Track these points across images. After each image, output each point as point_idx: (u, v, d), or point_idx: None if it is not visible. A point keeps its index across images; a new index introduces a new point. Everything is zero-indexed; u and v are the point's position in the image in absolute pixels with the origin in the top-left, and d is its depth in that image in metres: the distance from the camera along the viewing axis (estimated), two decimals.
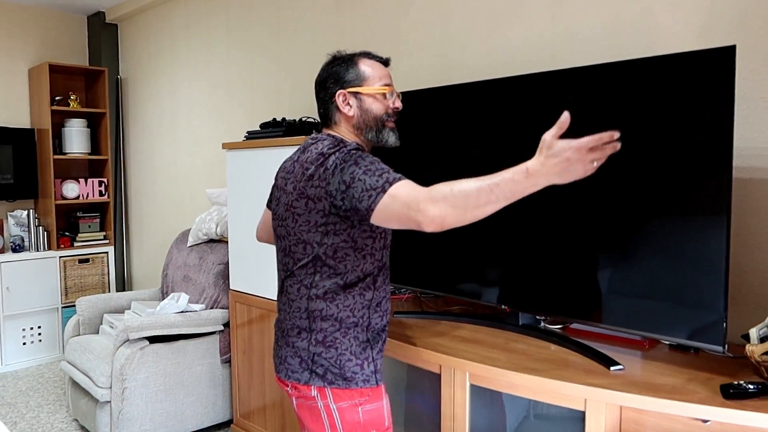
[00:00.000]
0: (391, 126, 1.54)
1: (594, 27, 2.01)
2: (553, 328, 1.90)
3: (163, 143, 4.29)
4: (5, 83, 4.40)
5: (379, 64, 1.55)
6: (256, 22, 3.41)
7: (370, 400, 1.47)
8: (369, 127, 1.51)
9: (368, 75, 1.51)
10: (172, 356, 2.82)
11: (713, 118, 1.46)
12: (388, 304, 1.56)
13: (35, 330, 4.22)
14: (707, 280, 1.48)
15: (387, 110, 1.52)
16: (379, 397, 1.49)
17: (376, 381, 1.48)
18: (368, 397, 1.46)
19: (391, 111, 1.53)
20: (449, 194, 1.20)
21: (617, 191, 1.63)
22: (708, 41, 1.76)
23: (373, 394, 1.47)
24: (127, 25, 4.63)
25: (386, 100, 1.53)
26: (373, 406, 1.47)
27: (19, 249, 4.18)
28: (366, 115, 1.51)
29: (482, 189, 1.17)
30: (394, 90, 1.54)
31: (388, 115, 1.53)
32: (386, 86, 1.52)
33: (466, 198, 1.18)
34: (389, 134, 1.53)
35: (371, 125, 1.51)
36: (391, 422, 1.54)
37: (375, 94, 1.51)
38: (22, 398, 3.59)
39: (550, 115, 1.77)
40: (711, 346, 1.48)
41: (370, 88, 1.51)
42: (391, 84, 1.55)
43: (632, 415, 1.42)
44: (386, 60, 1.58)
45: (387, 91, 1.52)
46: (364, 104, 1.51)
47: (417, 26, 2.56)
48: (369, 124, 1.51)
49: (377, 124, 1.51)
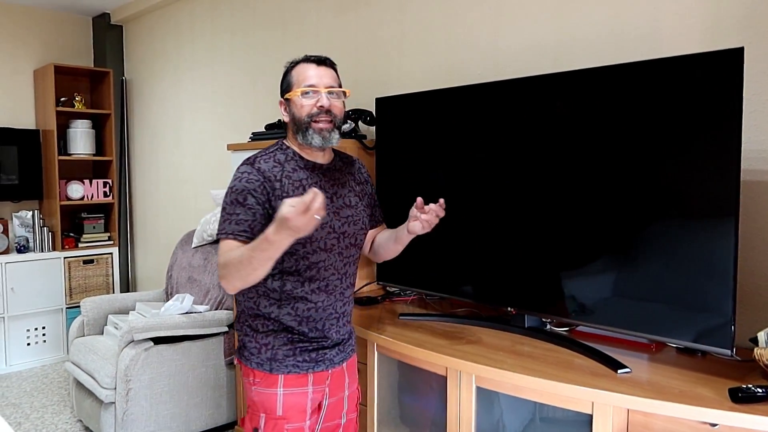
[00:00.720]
0: (318, 127, 1.53)
1: (598, 29, 2.00)
2: (560, 331, 1.89)
3: (167, 144, 4.30)
4: (11, 84, 4.42)
5: (310, 66, 1.57)
6: (260, 24, 3.41)
7: (262, 384, 1.56)
8: (297, 129, 1.56)
9: (294, 80, 1.57)
10: (177, 357, 2.82)
11: (721, 121, 1.45)
12: (313, 313, 1.56)
13: (40, 330, 4.22)
14: (715, 282, 1.47)
15: (310, 111, 1.53)
16: (273, 385, 1.55)
17: (270, 369, 1.55)
18: (261, 380, 1.57)
19: (315, 111, 1.53)
20: (225, 270, 1.42)
21: (625, 194, 1.63)
22: (714, 43, 1.75)
23: (266, 379, 1.56)
24: (132, 27, 4.64)
25: (309, 101, 1.53)
26: (265, 390, 1.56)
27: (24, 250, 4.19)
28: (294, 118, 1.57)
29: (243, 262, 1.37)
30: (319, 90, 1.54)
31: (310, 116, 1.53)
32: (309, 86, 1.54)
33: (237, 270, 1.39)
34: (313, 135, 1.53)
35: (298, 128, 1.56)
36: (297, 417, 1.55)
37: (296, 96, 1.55)
38: (26, 399, 3.60)
39: (554, 117, 1.77)
40: (719, 350, 1.47)
41: (295, 92, 1.56)
42: (317, 84, 1.54)
43: (640, 419, 1.41)
44: (318, 59, 1.58)
45: (305, 91, 1.53)
46: (292, 109, 1.57)
47: (421, 28, 2.56)
48: (297, 126, 1.56)
49: (302, 126, 1.54)
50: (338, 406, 1.68)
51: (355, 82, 2.86)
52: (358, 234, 1.64)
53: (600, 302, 1.69)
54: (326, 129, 1.54)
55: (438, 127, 2.09)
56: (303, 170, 1.57)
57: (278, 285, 1.55)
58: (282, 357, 1.55)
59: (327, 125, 1.54)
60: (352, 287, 1.68)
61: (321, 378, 1.60)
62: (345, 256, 1.61)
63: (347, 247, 1.61)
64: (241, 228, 1.48)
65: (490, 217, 1.94)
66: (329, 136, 1.55)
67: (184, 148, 4.13)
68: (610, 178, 1.66)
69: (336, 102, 1.56)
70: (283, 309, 1.55)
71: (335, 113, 1.55)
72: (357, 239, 1.64)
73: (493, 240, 1.94)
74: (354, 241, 1.63)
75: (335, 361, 1.63)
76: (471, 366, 1.64)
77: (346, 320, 1.66)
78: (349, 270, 1.64)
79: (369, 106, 2.64)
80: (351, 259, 1.64)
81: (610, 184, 1.66)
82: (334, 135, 1.56)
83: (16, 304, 4.09)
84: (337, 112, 1.56)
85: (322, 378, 1.61)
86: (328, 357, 1.61)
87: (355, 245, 1.64)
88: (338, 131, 1.57)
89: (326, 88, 1.55)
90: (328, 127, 1.54)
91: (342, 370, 1.67)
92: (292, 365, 1.56)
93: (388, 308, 2.26)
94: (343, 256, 1.60)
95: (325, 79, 1.56)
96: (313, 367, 1.58)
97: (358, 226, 1.64)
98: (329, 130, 1.54)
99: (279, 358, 1.55)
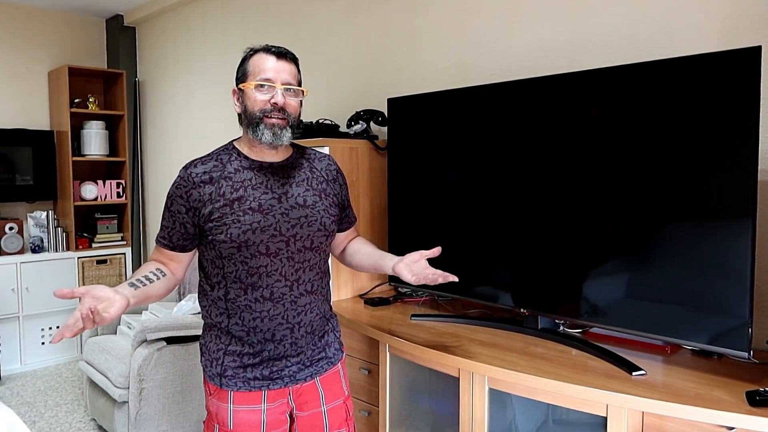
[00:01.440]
0: (270, 123, 1.43)
1: (612, 29, 1.99)
2: (573, 332, 1.88)
3: (179, 145, 4.32)
4: (26, 86, 4.46)
5: (269, 58, 1.46)
6: (271, 25, 3.42)
7: (215, 396, 1.51)
8: (248, 122, 1.46)
9: (250, 70, 1.47)
10: (189, 357, 2.84)
11: (738, 121, 1.43)
12: (259, 323, 1.47)
13: (54, 330, 4.26)
14: (732, 284, 1.45)
15: (263, 106, 1.43)
16: (224, 400, 1.49)
17: (221, 384, 1.49)
18: (214, 392, 1.52)
19: (268, 107, 1.43)
20: None
21: (639, 194, 1.61)
22: (730, 42, 1.73)
23: (218, 393, 1.51)
24: (144, 28, 4.68)
25: (263, 96, 1.44)
26: (218, 403, 1.50)
27: (39, 250, 4.23)
28: (246, 111, 1.47)
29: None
30: (275, 84, 1.44)
31: (263, 111, 1.43)
32: (264, 80, 1.43)
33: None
34: (264, 131, 1.43)
35: (248, 121, 1.46)
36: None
37: (250, 88, 1.45)
38: (40, 397, 3.63)
39: (568, 118, 1.76)
40: (735, 352, 1.46)
41: (249, 83, 1.45)
42: (273, 78, 1.44)
43: (655, 422, 1.40)
44: (279, 52, 1.47)
45: (260, 84, 1.43)
46: (245, 100, 1.47)
47: (433, 28, 2.55)
48: (247, 119, 1.46)
49: (253, 121, 1.45)
50: (314, 420, 1.56)
51: (366, 82, 2.86)
52: (315, 236, 1.50)
53: (614, 303, 1.68)
54: (278, 125, 1.44)
55: (450, 127, 2.09)
56: (248, 170, 1.47)
57: (222, 293, 1.48)
58: (231, 374, 1.48)
59: (279, 121, 1.44)
60: (312, 295, 1.52)
61: (279, 394, 1.51)
62: (296, 261, 1.47)
63: (299, 251, 1.48)
64: (162, 234, 1.50)
65: (502, 218, 1.94)
66: (280, 133, 1.44)
67: (196, 149, 4.15)
68: (625, 179, 1.64)
69: (291, 100, 1.46)
70: (232, 319, 1.48)
71: (290, 112, 1.45)
72: (313, 242, 1.50)
73: (506, 241, 1.93)
74: (309, 244, 1.49)
75: (298, 378, 1.51)
76: (484, 367, 1.63)
77: (305, 331, 1.51)
78: (302, 276, 1.49)
79: (381, 106, 2.64)
80: (305, 265, 1.49)
81: (624, 185, 1.64)
82: (285, 133, 1.45)
83: (31, 303, 4.13)
84: (292, 111, 1.46)
85: (281, 394, 1.51)
86: (287, 373, 1.50)
87: (311, 248, 1.50)
88: (291, 130, 1.47)
89: (283, 84, 1.44)
90: (281, 123, 1.44)
91: (313, 385, 1.55)
92: (242, 382, 1.48)
93: (400, 309, 2.25)
94: (294, 261, 1.47)
95: (283, 75, 1.45)
96: (268, 384, 1.49)
97: (314, 227, 1.49)
98: (281, 127, 1.44)
99: (228, 375, 1.48)
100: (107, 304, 1.25)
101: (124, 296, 1.29)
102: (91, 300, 1.23)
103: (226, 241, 1.42)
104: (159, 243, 1.52)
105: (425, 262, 1.56)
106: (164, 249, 1.51)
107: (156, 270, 1.47)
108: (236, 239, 1.41)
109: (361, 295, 2.43)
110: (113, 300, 1.26)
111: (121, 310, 1.26)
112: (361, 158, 2.45)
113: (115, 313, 1.24)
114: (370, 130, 2.55)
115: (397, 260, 1.56)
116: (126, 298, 1.29)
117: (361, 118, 2.52)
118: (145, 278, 1.42)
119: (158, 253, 1.53)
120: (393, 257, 1.59)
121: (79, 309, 1.20)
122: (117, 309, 1.25)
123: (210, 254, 1.48)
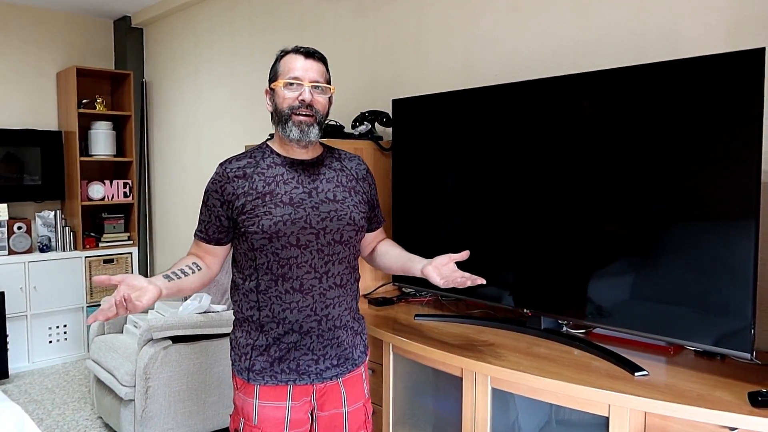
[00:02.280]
0: (298, 120, 1.49)
1: (618, 29, 1.99)
2: (576, 333, 1.88)
3: (186, 145, 4.34)
4: (34, 87, 4.50)
5: (298, 58, 1.52)
6: (278, 25, 3.44)
7: (242, 390, 1.55)
8: (277, 120, 1.53)
9: (280, 71, 1.53)
10: (195, 356, 2.85)
11: (742, 122, 1.44)
12: (288, 314, 1.50)
13: (61, 328, 4.30)
14: (734, 285, 1.45)
15: (292, 103, 1.49)
16: (250, 394, 1.52)
17: (248, 378, 1.52)
18: (240, 386, 1.55)
19: (296, 104, 1.49)
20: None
21: (643, 195, 1.62)
22: (735, 44, 1.73)
23: (244, 387, 1.54)
24: (152, 29, 4.70)
25: (292, 94, 1.49)
26: (244, 398, 1.54)
27: (47, 249, 4.27)
28: (276, 109, 1.54)
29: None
30: (303, 83, 1.49)
31: (291, 108, 1.49)
32: (293, 78, 1.49)
33: None
34: (292, 128, 1.49)
35: (279, 119, 1.53)
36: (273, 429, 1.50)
37: (280, 87, 1.52)
38: (48, 395, 3.66)
39: (573, 119, 1.76)
40: (738, 353, 1.46)
41: (279, 82, 1.52)
42: (301, 76, 1.50)
43: (657, 422, 1.40)
44: (307, 52, 1.52)
45: (289, 82, 1.49)
46: (275, 99, 1.54)
47: (438, 29, 2.56)
48: (278, 117, 1.53)
49: (282, 118, 1.51)
50: (334, 421, 1.58)
51: (372, 83, 2.87)
52: (344, 230, 1.53)
53: (618, 304, 1.68)
54: (305, 122, 1.49)
55: (455, 128, 2.09)
56: (280, 166, 1.53)
57: (254, 285, 1.52)
58: (259, 369, 1.51)
59: (306, 119, 1.49)
60: (341, 288, 1.54)
61: (304, 391, 1.53)
62: (326, 253, 1.50)
63: (329, 244, 1.51)
64: (199, 228, 1.57)
65: (506, 219, 1.94)
66: (308, 130, 1.49)
67: (203, 149, 4.17)
68: (628, 180, 1.64)
69: (319, 97, 1.52)
70: (263, 311, 1.51)
71: (317, 108, 1.51)
72: (343, 236, 1.53)
73: (510, 242, 1.94)
74: (339, 237, 1.52)
75: (324, 376, 1.53)
76: (487, 367, 1.64)
77: (333, 324, 1.53)
78: (332, 269, 1.52)
79: (386, 107, 2.65)
80: (334, 258, 1.52)
81: (627, 186, 1.64)
82: (312, 130, 1.50)
83: (39, 302, 4.16)
84: (320, 108, 1.52)
85: (306, 391, 1.53)
86: (315, 371, 1.52)
87: (341, 242, 1.53)
88: (319, 127, 1.52)
89: (311, 82, 1.50)
90: (308, 120, 1.49)
91: (337, 386, 1.57)
92: (269, 376, 1.50)
93: (404, 309, 2.26)
94: (324, 253, 1.50)
95: (311, 73, 1.50)
96: (294, 380, 1.51)
97: (343, 221, 1.52)
98: (308, 124, 1.49)
99: (257, 369, 1.51)
100: (140, 293, 1.33)
101: (157, 287, 1.37)
102: (126, 288, 1.31)
103: (257, 232, 1.47)
104: (197, 236, 1.58)
105: (454, 265, 1.58)
106: (201, 242, 1.58)
107: (192, 264, 1.54)
108: (267, 230, 1.46)
109: (365, 295, 2.44)
110: (146, 290, 1.34)
111: (153, 300, 1.34)
112: (365, 159, 2.44)
113: (147, 303, 1.32)
114: (374, 130, 2.56)
115: (426, 263, 1.59)
116: (159, 288, 1.37)
117: (365, 119, 2.53)
118: (180, 271, 1.50)
119: (196, 247, 1.59)
120: (422, 260, 1.62)
121: (114, 296, 1.27)
122: (149, 299, 1.33)
123: (243, 247, 1.53)
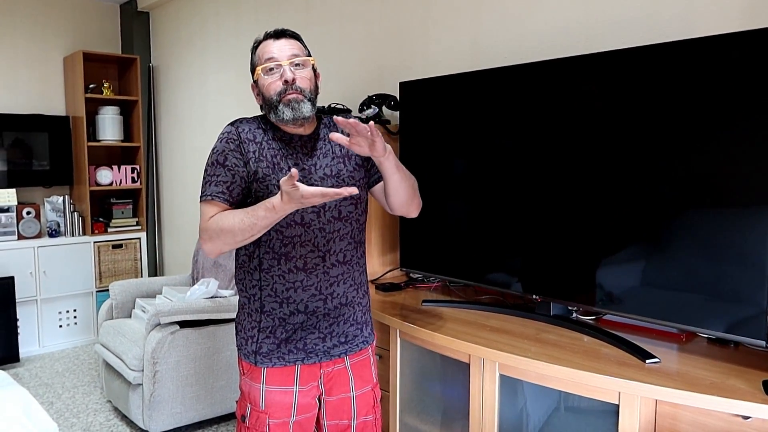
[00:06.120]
0: (287, 99, 1.45)
1: (630, 8, 1.94)
2: (586, 319, 1.86)
3: (193, 130, 4.33)
4: (41, 72, 4.49)
5: (269, 42, 1.50)
6: (284, 9, 3.40)
7: (249, 375, 1.54)
8: (268, 107, 1.50)
9: (256, 61, 1.53)
10: (202, 341, 2.86)
11: (759, 104, 1.39)
12: (293, 293, 1.49)
13: (71, 313, 4.33)
14: (749, 271, 1.42)
15: (277, 88, 1.46)
16: (257, 379, 1.52)
17: (255, 361, 1.52)
18: (247, 371, 1.55)
19: (282, 87, 1.46)
20: (216, 234, 1.41)
21: (656, 180, 1.58)
22: (753, 21, 1.68)
23: (252, 371, 1.53)
24: (158, 14, 4.67)
25: (273, 78, 1.47)
26: (250, 383, 1.54)
27: (56, 234, 4.28)
28: (264, 100, 1.51)
29: (243, 229, 1.37)
30: (281, 62, 1.46)
31: (278, 93, 1.46)
32: (270, 59, 1.47)
33: (232, 236, 1.39)
34: (284, 110, 1.46)
35: (269, 108, 1.50)
36: (280, 413, 1.50)
37: (261, 76, 1.50)
38: (58, 379, 3.69)
39: (584, 101, 1.72)
40: (752, 340, 1.43)
41: (258, 69, 1.50)
42: (278, 56, 1.47)
43: (668, 410, 1.38)
44: (276, 32, 1.50)
45: (268, 67, 1.47)
46: (260, 88, 1.52)
47: (446, 10, 2.51)
48: (267, 105, 1.50)
49: (271, 104, 1.48)
50: (342, 405, 1.59)
51: (379, 65, 2.83)
52: (342, 206, 1.51)
53: (629, 291, 1.65)
54: (295, 99, 1.45)
55: (463, 111, 2.06)
56: (278, 141, 1.51)
57: (256, 263, 1.51)
58: (266, 351, 1.51)
59: (295, 95, 1.46)
60: (345, 265, 1.54)
61: (311, 375, 1.53)
62: (327, 231, 1.50)
63: (329, 222, 1.50)
64: (220, 189, 1.45)
65: (515, 204, 1.91)
66: (299, 106, 1.46)
67: (210, 134, 4.15)
68: (641, 164, 1.61)
69: (302, 72, 1.48)
70: (264, 290, 1.50)
71: (303, 86, 1.47)
72: (341, 212, 1.52)
73: (519, 227, 1.91)
74: (338, 214, 1.51)
75: (332, 354, 1.53)
76: (495, 353, 1.62)
77: (338, 302, 1.53)
78: (334, 247, 1.51)
79: (393, 90, 2.61)
80: (335, 235, 1.51)
81: (640, 170, 1.61)
82: (304, 105, 1.46)
83: (48, 287, 4.19)
84: (305, 84, 1.48)
85: (313, 375, 1.53)
86: (322, 349, 1.52)
87: (339, 218, 1.51)
88: (311, 103, 1.48)
89: (288, 59, 1.46)
90: (297, 97, 1.46)
91: (344, 370, 1.58)
92: (277, 357, 1.50)
93: (412, 295, 2.24)
94: (325, 231, 1.49)
95: (285, 51, 1.47)
96: (302, 359, 1.51)
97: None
98: (298, 101, 1.45)
99: (264, 351, 1.51)
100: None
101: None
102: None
103: None
104: (218, 198, 1.45)
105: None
106: (223, 204, 1.45)
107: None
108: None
109: (372, 281, 2.43)
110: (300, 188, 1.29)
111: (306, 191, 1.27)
112: None
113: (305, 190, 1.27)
114: (382, 114, 2.52)
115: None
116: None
117: (373, 102, 2.50)
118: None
119: (215, 208, 1.45)
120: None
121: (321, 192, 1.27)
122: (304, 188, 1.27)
123: None
